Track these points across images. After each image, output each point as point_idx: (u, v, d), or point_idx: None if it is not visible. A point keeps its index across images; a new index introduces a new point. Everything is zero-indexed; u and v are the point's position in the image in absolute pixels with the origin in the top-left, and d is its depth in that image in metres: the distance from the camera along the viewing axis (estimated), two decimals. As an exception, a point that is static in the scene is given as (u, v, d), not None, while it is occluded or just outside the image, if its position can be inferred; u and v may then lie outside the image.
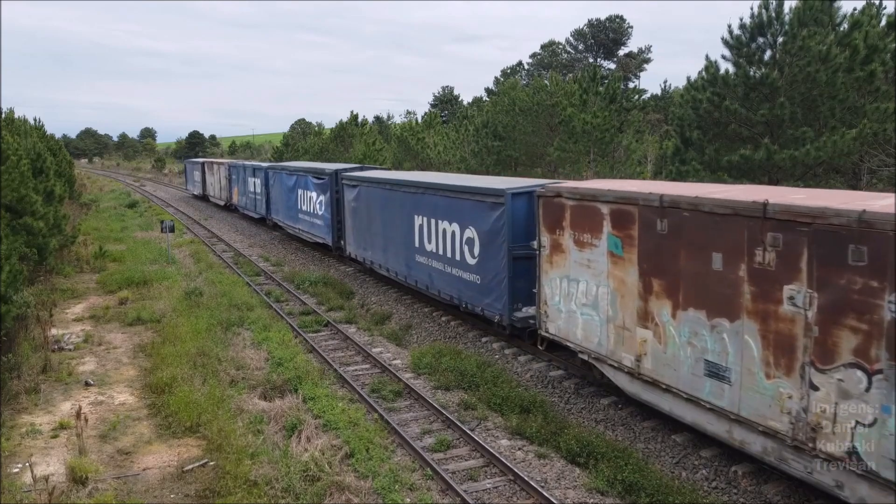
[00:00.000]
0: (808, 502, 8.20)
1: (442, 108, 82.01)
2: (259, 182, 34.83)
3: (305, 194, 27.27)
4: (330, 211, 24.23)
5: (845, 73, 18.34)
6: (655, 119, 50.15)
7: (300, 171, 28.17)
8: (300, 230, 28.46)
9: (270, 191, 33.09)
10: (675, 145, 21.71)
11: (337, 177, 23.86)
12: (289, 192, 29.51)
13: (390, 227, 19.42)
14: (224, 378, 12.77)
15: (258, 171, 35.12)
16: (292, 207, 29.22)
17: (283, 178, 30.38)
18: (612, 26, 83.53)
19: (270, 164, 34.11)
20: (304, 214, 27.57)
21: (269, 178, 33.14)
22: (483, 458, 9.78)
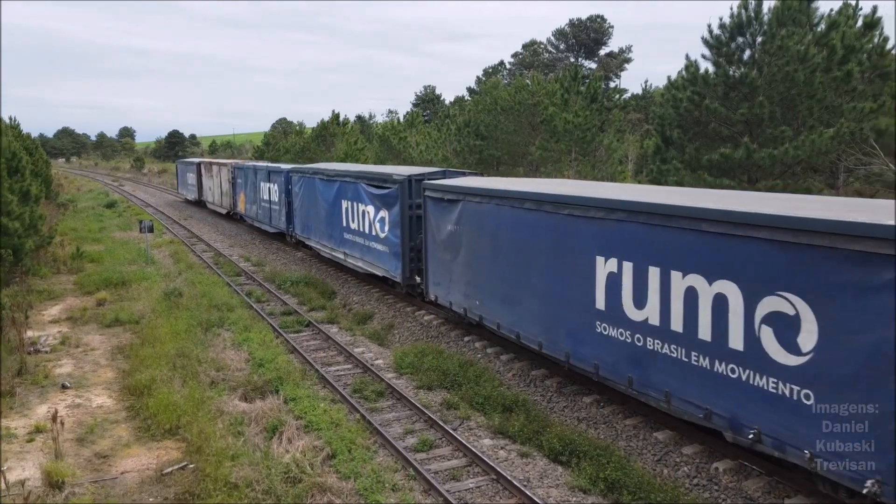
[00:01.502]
0: (789, 497, 8.26)
1: (424, 107, 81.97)
2: (276, 188, 28.23)
3: (356, 208, 19.94)
4: (400, 234, 17.21)
5: (823, 72, 18.56)
6: (636, 118, 50.51)
7: (346, 177, 20.66)
8: (347, 255, 20.99)
9: (294, 200, 26.08)
10: (656, 144, 21.86)
11: (412, 186, 16.93)
12: (327, 204, 22.33)
13: (534, 269, 12.02)
14: (204, 379, 12.63)
15: (275, 175, 28.42)
16: (333, 224, 21.93)
17: (317, 184, 23.11)
18: (593, 26, 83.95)
19: (295, 167, 27.44)
20: (355, 235, 20.24)
21: (291, 183, 26.37)
22: (466, 457, 9.75)
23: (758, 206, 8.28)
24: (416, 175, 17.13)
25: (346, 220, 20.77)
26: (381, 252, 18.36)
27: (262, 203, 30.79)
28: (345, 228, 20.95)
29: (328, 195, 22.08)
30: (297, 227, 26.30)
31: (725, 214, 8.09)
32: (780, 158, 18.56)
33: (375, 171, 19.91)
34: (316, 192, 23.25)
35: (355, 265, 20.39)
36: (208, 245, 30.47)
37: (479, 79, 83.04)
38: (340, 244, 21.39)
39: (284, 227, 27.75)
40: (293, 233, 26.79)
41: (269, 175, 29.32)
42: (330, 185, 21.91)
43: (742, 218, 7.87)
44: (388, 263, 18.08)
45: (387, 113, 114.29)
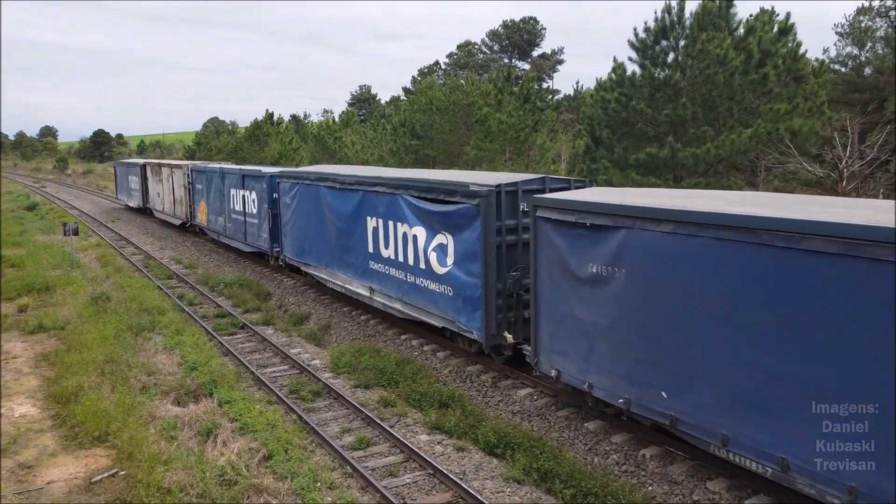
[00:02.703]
0: (710, 480, 8.69)
1: (359, 106, 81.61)
2: (254, 197, 22.76)
3: (392, 229, 14.63)
4: (480, 270, 12.04)
5: (741, 75, 19.47)
6: (568, 118, 51.61)
7: (377, 185, 15.06)
8: (374, 292, 15.67)
9: (283, 212, 20.72)
10: (586, 144, 22.49)
11: (503, 201, 12.00)
12: (340, 220, 16.97)
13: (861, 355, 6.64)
14: (135, 385, 12.33)
15: (253, 180, 22.94)
16: (349, 248, 16.69)
17: (324, 194, 17.69)
18: (526, 27, 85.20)
19: (285, 171, 21.67)
20: (390, 266, 14.93)
21: (278, 191, 20.96)
22: (403, 453, 9.87)
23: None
24: (509, 185, 12.04)
25: (375, 245, 15.39)
26: (440, 294, 13.12)
27: (232, 215, 25.09)
28: (371, 256, 15.63)
29: (343, 209, 16.72)
30: (287, 247, 20.72)
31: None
32: (702, 157, 19.38)
33: (431, 177, 13.99)
34: (321, 203, 17.78)
35: (389, 307, 14.99)
36: (137, 248, 29.61)
37: (414, 79, 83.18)
38: (363, 276, 16.06)
39: (267, 247, 22.14)
40: (282, 255, 21.17)
41: (244, 180, 23.59)
42: (346, 196, 16.44)
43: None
44: (452, 311, 12.80)
45: (322, 112, 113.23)
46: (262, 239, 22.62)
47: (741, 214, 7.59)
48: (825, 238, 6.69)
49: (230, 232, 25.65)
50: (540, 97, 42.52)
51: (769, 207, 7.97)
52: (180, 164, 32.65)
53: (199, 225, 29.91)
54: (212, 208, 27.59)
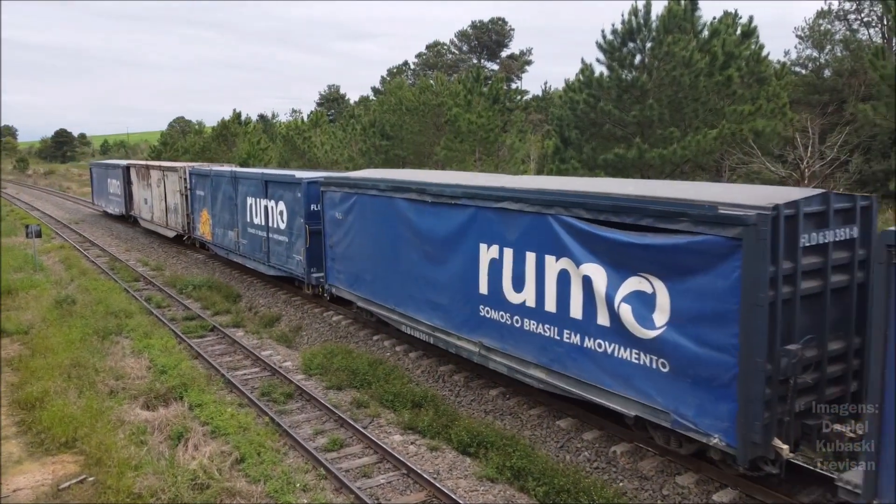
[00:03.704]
0: (680, 475, 8.86)
1: (328, 106, 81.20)
2: (283, 209, 18.39)
3: (537, 264, 10.21)
4: (739, 338, 7.61)
5: (706, 77, 19.83)
6: (537, 119, 51.98)
7: (506, 199, 10.69)
8: (495, 352, 11.24)
9: (332, 232, 16.07)
10: (556, 144, 22.70)
11: (798, 228, 7.75)
12: (430, 246, 12.60)
13: None
14: (102, 389, 12.15)
15: (281, 188, 18.49)
16: (448, 287, 12.21)
17: (403, 210, 13.30)
18: (494, 28, 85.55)
19: (330, 176, 16.87)
20: (534, 320, 10.38)
21: (324, 202, 16.43)
22: (376, 454, 9.88)
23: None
24: (788, 205, 7.69)
25: (494, 284, 11.01)
26: (639, 368, 8.79)
27: (249, 229, 20.65)
28: (485, 298, 11.21)
29: (433, 230, 12.31)
30: (334, 274, 16.25)
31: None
32: (669, 158, 19.70)
33: (622, 191, 9.35)
34: (395, 221, 13.48)
35: (521, 373, 10.57)
36: (103, 250, 29.10)
37: (383, 79, 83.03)
38: (467, 325, 11.69)
39: (302, 272, 17.56)
40: (326, 283, 16.68)
41: (268, 187, 19.20)
42: (441, 214, 12.06)
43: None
44: (666, 396, 8.51)
45: (290, 112, 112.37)
46: (293, 262, 18.03)
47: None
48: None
49: (245, 250, 20.96)
50: (509, 98, 42.76)
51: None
52: (175, 166, 28.12)
53: (201, 239, 25.46)
54: (218, 220, 23.11)
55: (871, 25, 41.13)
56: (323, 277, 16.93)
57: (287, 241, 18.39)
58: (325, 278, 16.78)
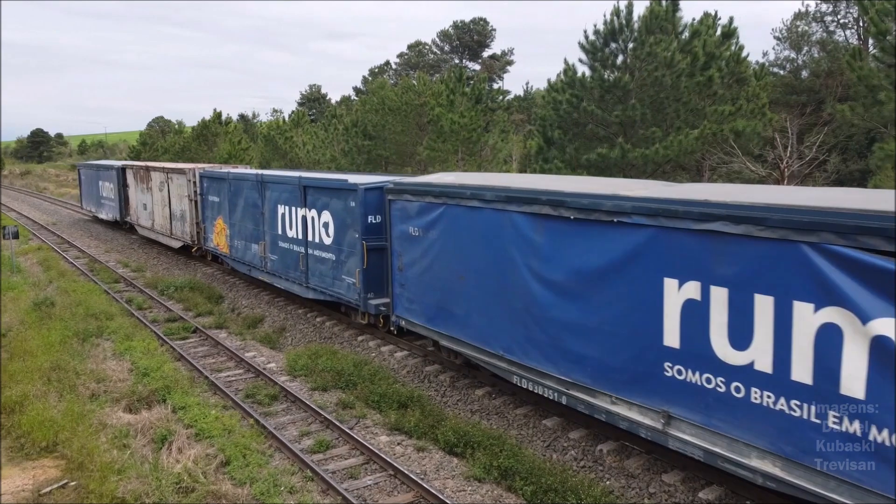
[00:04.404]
0: (666, 473, 8.92)
1: (310, 106, 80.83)
2: (329, 220, 15.49)
3: (775, 311, 6.92)
4: None
5: (688, 77, 19.97)
6: (519, 119, 52.11)
7: (719, 218, 7.32)
8: (690, 424, 7.89)
9: (402, 249, 13.03)
10: (539, 144, 22.73)
11: None
12: (570, 278, 9.33)
13: None
14: (83, 392, 11.98)
15: (327, 196, 15.54)
16: (598, 333, 8.99)
17: (519, 227, 10.16)
18: (476, 28, 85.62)
19: (403, 182, 13.24)
20: (772, 390, 7.03)
21: (381, 213, 14.14)
22: (363, 455, 9.84)
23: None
24: None
25: (692, 333, 7.84)
26: None
27: (280, 243, 17.85)
28: (674, 354, 8.08)
29: (582, 258, 9.13)
30: (405, 303, 13.22)
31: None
32: (651, 158, 19.81)
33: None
34: (506, 242, 10.40)
35: (739, 464, 7.43)
36: (82, 251, 28.72)
37: (365, 78, 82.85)
38: (639, 386, 8.56)
39: (356, 297, 14.69)
40: (398, 315, 13.46)
41: (307, 193, 16.26)
42: (593, 236, 8.95)
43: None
44: None
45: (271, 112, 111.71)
46: (342, 284, 15.22)
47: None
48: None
49: (275, 267, 18.23)
50: (491, 98, 42.82)
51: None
52: (182, 167, 25.29)
53: (215, 251, 22.57)
54: (238, 230, 20.26)
55: (848, 27, 41.75)
56: (385, 306, 13.96)
57: (334, 260, 15.44)
58: (392, 308, 13.57)
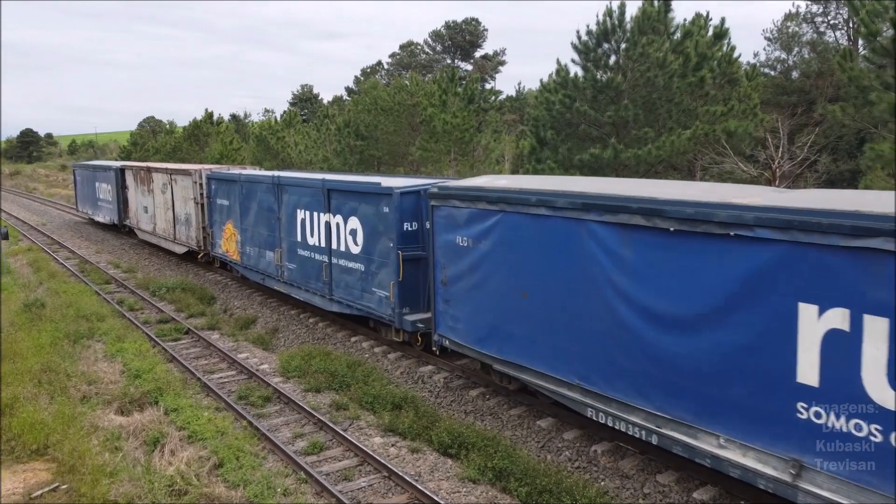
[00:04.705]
0: (660, 473, 8.93)
1: (301, 106, 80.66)
2: (358, 226, 14.29)
3: None
4: None
5: (680, 78, 20.03)
6: (511, 119, 52.14)
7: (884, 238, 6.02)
8: (810, 468, 6.72)
9: (447, 262, 11.69)
10: (532, 145, 22.75)
11: None
12: (668, 301, 8.07)
13: None
14: (74, 394, 11.89)
15: (355, 200, 14.34)
16: (706, 364, 7.69)
17: (603, 241, 8.77)
18: (468, 28, 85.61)
19: (447, 185, 11.90)
20: None
21: (418, 219, 13.16)
22: (357, 457, 9.80)
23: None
24: None
25: (846, 375, 6.49)
26: None
27: (300, 251, 16.56)
28: (819, 395, 6.72)
29: (684, 278, 7.91)
30: (449, 321, 11.87)
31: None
32: (644, 158, 19.85)
33: None
34: (584, 258, 9.09)
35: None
36: (72, 252, 28.55)
37: (357, 78, 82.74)
38: (776, 436, 7.09)
39: (390, 312, 13.38)
40: (441, 334, 12.12)
41: (331, 198, 15.00)
42: (701, 253, 7.70)
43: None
44: None
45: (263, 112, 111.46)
46: (373, 298, 13.90)
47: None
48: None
49: (293, 277, 16.95)
50: (483, 98, 42.84)
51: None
52: (187, 168, 24.00)
53: (223, 258, 21.43)
54: (251, 237, 19.09)
55: (837, 28, 41.97)
56: (423, 322, 12.83)
57: (362, 271, 14.18)
58: (434, 326, 12.21)
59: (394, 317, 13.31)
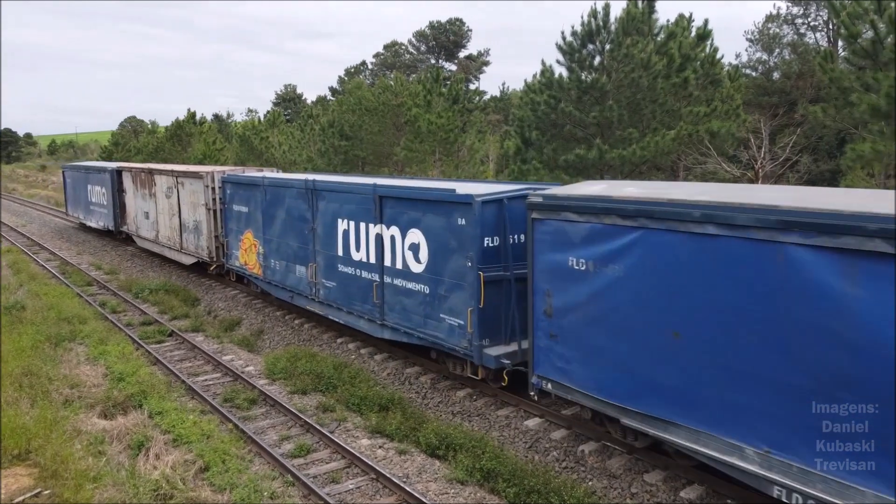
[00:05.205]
0: (647, 473, 8.96)
1: (285, 106, 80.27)
2: (419, 240, 12.11)
3: None
4: None
5: (664, 79, 20.13)
6: (495, 119, 52.20)
7: None
8: None
9: (564, 290, 9.31)
10: (516, 145, 22.75)
11: None
12: None
13: None
14: (57, 398, 11.74)
15: (412, 209, 12.25)
16: None
17: (814, 274, 6.63)
18: (452, 28, 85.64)
19: (556, 196, 9.46)
20: None
21: (493, 233, 10.94)
22: (344, 459, 9.76)
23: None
24: None
25: None
26: None
27: (340, 267, 14.38)
28: None
29: None
30: (564, 364, 9.51)
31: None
32: (628, 158, 19.93)
33: None
34: (779, 295, 6.96)
35: None
36: (53, 253, 28.19)
37: (341, 78, 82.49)
38: None
39: (467, 346, 11.17)
40: (540, 375, 9.90)
41: (384, 206, 12.90)
42: None
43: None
44: None
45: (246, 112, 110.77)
46: (441, 326, 11.74)
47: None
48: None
49: (332, 296, 14.78)
50: (468, 98, 42.86)
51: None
52: (197, 170, 21.59)
53: (241, 271, 19.05)
54: (276, 248, 16.89)
55: (818, 29, 42.47)
56: (508, 357, 10.74)
57: (426, 293, 12.02)
58: (532, 364, 10.04)
59: (471, 350, 11.07)
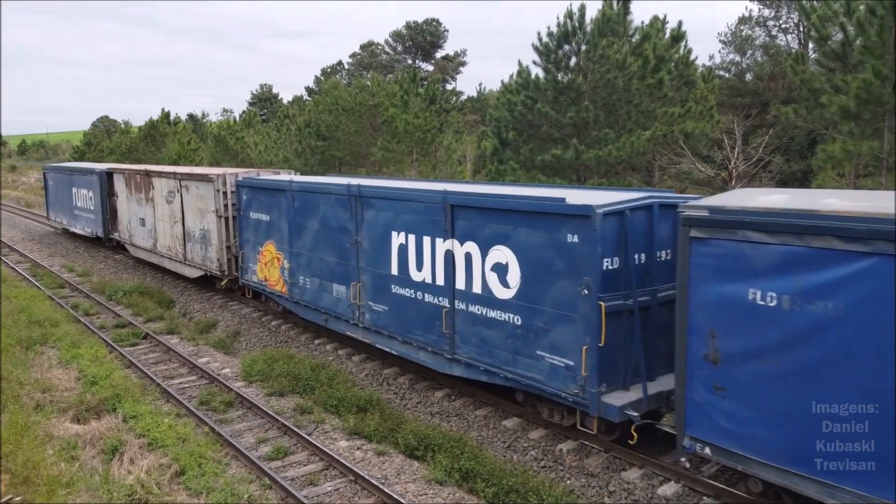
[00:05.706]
0: (625, 471, 9.03)
1: (261, 106, 79.67)
2: (514, 260, 9.89)
3: None
4: None
5: (639, 80, 20.31)
6: (472, 120, 52.29)
7: None
8: None
9: (757, 334, 7.18)
10: (493, 145, 22.82)
11: None
12: None
13: None
14: (28, 403, 11.53)
15: (495, 221, 10.15)
16: None
17: None
18: (429, 29, 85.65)
19: (773, 210, 7.09)
20: None
21: (615, 254, 8.94)
22: (322, 461, 9.71)
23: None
24: None
25: None
26: None
27: (398, 289, 12.24)
28: None
29: None
30: (737, 426, 7.45)
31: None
32: (604, 158, 20.09)
33: None
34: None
35: None
36: (23, 255, 27.68)
37: (317, 78, 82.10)
38: None
39: (578, 392, 9.11)
40: (701, 439, 7.83)
41: (456, 216, 10.87)
42: None
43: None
44: None
45: (221, 112, 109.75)
46: (543, 367, 9.63)
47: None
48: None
49: (384, 322, 12.69)
50: (445, 98, 42.89)
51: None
52: (208, 173, 19.16)
53: (259, 287, 16.91)
54: (306, 263, 14.87)
55: (789, 32, 43.13)
56: (634, 406, 8.86)
57: (517, 325, 9.98)
58: (683, 422, 8.03)
59: (585, 397, 9.06)
